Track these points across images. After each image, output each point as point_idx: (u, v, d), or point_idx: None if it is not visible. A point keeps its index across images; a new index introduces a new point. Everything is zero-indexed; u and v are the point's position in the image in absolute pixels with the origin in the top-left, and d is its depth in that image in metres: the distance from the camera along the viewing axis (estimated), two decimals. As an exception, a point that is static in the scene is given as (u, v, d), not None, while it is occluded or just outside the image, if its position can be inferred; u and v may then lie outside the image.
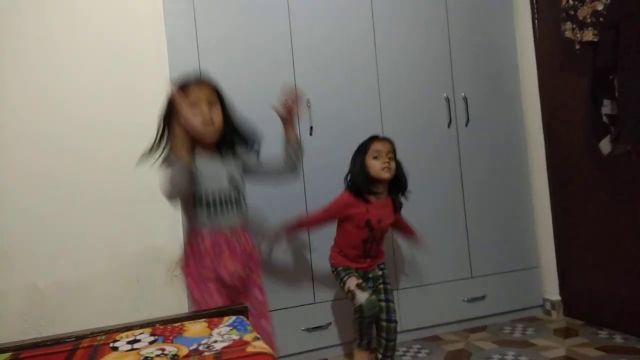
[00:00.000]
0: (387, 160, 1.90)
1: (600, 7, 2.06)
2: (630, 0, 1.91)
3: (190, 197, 1.57)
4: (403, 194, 2.00)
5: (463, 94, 2.50)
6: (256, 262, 1.71)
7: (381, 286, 1.99)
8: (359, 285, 1.90)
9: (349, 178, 1.98)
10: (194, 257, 1.59)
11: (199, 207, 1.57)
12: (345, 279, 1.94)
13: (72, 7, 2.13)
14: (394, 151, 1.95)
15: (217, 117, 1.58)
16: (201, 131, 1.53)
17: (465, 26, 2.53)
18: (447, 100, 2.48)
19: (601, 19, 2.05)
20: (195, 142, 1.56)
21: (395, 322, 1.95)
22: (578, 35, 2.15)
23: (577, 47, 2.18)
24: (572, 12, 2.18)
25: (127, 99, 2.18)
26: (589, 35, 2.10)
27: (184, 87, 1.55)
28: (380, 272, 2.02)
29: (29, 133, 2.06)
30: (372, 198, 1.93)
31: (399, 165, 1.96)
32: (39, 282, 2.05)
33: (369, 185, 1.92)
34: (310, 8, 2.28)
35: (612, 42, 1.97)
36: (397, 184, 1.96)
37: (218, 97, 1.60)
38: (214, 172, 1.59)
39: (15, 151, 2.06)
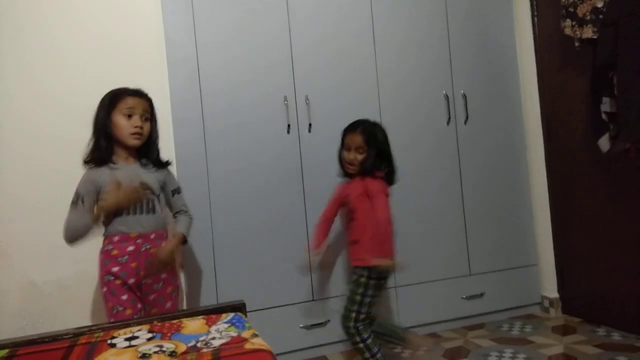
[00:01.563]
0: (352, 157, 1.88)
1: (599, 4, 2.06)
2: (629, -3, 1.91)
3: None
4: (369, 173, 1.88)
5: (462, 92, 2.50)
6: (172, 273, 1.73)
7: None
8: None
9: None
10: (103, 267, 1.64)
11: (111, 215, 1.63)
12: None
13: (70, 5, 2.13)
14: (367, 143, 1.86)
15: (146, 129, 1.69)
16: (128, 142, 1.64)
17: (465, 23, 2.53)
18: (446, 97, 2.48)
19: (601, 16, 2.05)
20: (117, 148, 1.66)
21: (344, 327, 1.89)
22: (577, 33, 2.15)
23: (577, 44, 2.17)
24: (571, 9, 2.17)
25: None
26: (588, 32, 2.10)
27: (122, 94, 1.65)
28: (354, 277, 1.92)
29: (28, 129, 2.06)
30: (348, 181, 1.96)
31: (372, 151, 1.87)
32: (37, 279, 2.04)
33: (345, 172, 1.95)
34: (310, 6, 2.28)
35: (611, 40, 1.97)
36: (366, 165, 1.88)
37: (151, 112, 1.71)
38: (125, 176, 1.63)
39: (15, 148, 2.05)
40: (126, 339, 1.20)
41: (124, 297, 1.60)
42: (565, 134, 2.46)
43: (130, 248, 1.62)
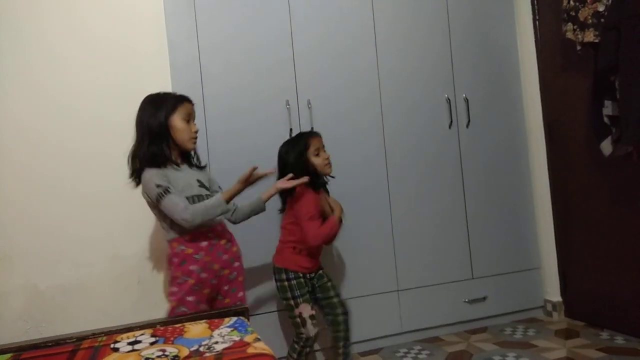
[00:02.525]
0: (327, 155, 1.94)
1: (601, 8, 2.06)
2: (631, 1, 1.91)
3: None
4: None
5: (464, 95, 2.50)
6: (241, 263, 1.78)
7: (329, 284, 1.97)
8: (312, 317, 1.89)
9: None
10: (178, 268, 1.63)
11: None
12: (299, 301, 1.88)
13: (72, 8, 2.13)
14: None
15: (197, 130, 1.75)
16: (189, 147, 1.70)
17: (466, 27, 2.53)
18: (448, 101, 2.48)
19: (602, 20, 2.05)
20: (172, 151, 1.69)
21: (348, 313, 1.96)
22: (579, 36, 2.15)
23: (578, 48, 2.17)
24: (573, 13, 2.18)
25: (128, 100, 2.17)
26: (590, 36, 2.10)
27: (182, 99, 1.70)
28: (321, 272, 1.98)
29: (29, 135, 2.06)
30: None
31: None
32: (40, 283, 2.05)
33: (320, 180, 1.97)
34: (311, 9, 2.28)
35: (613, 43, 1.96)
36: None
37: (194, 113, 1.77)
38: (185, 180, 1.66)
39: (17, 153, 2.06)
40: (129, 343, 1.20)
41: (190, 298, 1.61)
42: (567, 138, 2.46)
43: (204, 243, 1.64)
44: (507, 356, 2.09)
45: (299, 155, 1.91)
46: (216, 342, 1.17)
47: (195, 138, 1.72)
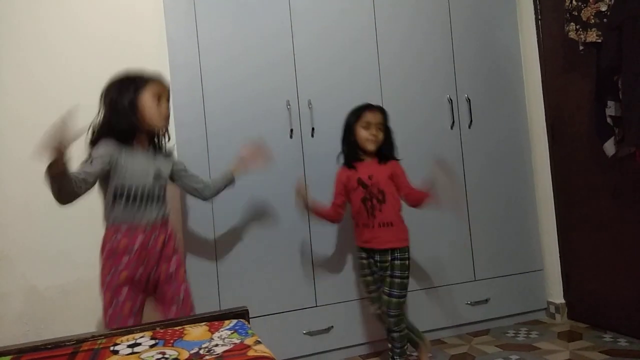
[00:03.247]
0: (374, 132, 1.94)
1: (603, 8, 2.05)
2: (633, 1, 1.90)
3: (110, 192, 1.58)
4: (390, 157, 2.00)
5: (466, 95, 2.49)
6: (180, 257, 1.72)
7: (388, 279, 1.91)
8: (368, 294, 2.00)
9: (341, 148, 2.02)
10: (109, 258, 1.57)
11: (118, 202, 1.57)
12: (361, 279, 2.04)
13: (71, 6, 2.13)
14: (384, 122, 1.98)
15: (169, 113, 1.68)
16: (158, 125, 1.63)
17: (468, 27, 2.52)
18: (450, 101, 2.47)
19: (605, 19, 2.04)
20: (135, 134, 1.61)
21: (395, 316, 1.89)
22: (582, 36, 2.14)
23: (581, 48, 2.16)
24: (575, 13, 2.17)
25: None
26: (592, 36, 2.09)
27: (151, 78, 1.62)
28: (390, 261, 1.92)
29: (27, 133, 2.06)
30: (358, 161, 1.98)
31: (388, 133, 2.00)
32: (40, 284, 2.04)
33: (356, 154, 1.98)
34: (311, 7, 2.28)
35: (615, 43, 1.95)
36: (383, 149, 1.98)
37: (168, 94, 1.69)
38: (141, 167, 1.60)
39: (16, 152, 2.05)
40: (129, 346, 1.19)
41: (125, 288, 1.56)
42: (570, 138, 2.45)
43: (140, 237, 1.58)
44: (510, 359, 2.08)
45: (349, 123, 1.98)
46: (216, 345, 1.16)
47: (167, 119, 1.65)
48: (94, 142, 1.59)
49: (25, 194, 2.04)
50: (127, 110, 1.57)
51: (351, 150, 1.99)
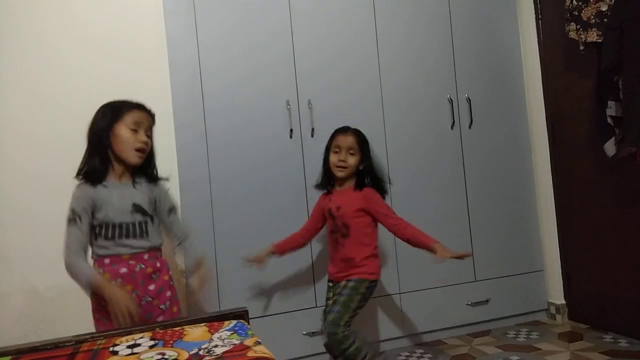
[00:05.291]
0: (343, 157, 1.86)
1: (604, 8, 2.05)
2: (634, 1, 1.90)
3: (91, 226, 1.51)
4: (374, 186, 1.88)
5: (466, 95, 2.49)
6: (175, 293, 1.63)
7: (336, 297, 1.86)
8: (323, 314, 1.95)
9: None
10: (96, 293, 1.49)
11: (99, 236, 1.51)
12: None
13: (71, 6, 2.13)
14: (359, 144, 1.86)
15: (149, 146, 1.57)
16: (128, 157, 1.52)
17: (469, 27, 2.52)
18: (450, 101, 2.47)
19: (605, 19, 2.04)
20: (114, 163, 1.53)
21: (330, 333, 1.78)
22: (582, 36, 2.14)
23: (581, 48, 2.16)
24: (576, 13, 2.16)
25: (127, 96, 2.16)
26: (593, 36, 2.09)
27: (128, 106, 1.54)
28: (344, 284, 1.85)
29: (28, 134, 2.06)
30: (335, 188, 1.94)
31: (366, 157, 1.87)
32: (39, 284, 2.04)
33: (330, 180, 1.93)
34: (311, 6, 2.27)
35: (616, 43, 1.95)
36: (364, 176, 1.88)
37: (150, 124, 1.59)
38: (118, 202, 1.51)
39: (15, 152, 2.05)
40: (128, 347, 1.19)
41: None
42: (570, 139, 2.45)
43: (123, 270, 1.51)
44: (510, 359, 2.07)
45: (326, 146, 1.93)
46: (216, 346, 1.15)
47: (142, 150, 1.52)
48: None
49: (24, 194, 2.04)
50: (101, 140, 1.50)
51: (324, 176, 1.93)
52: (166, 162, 2.16)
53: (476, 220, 2.48)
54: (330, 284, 1.97)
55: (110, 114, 1.52)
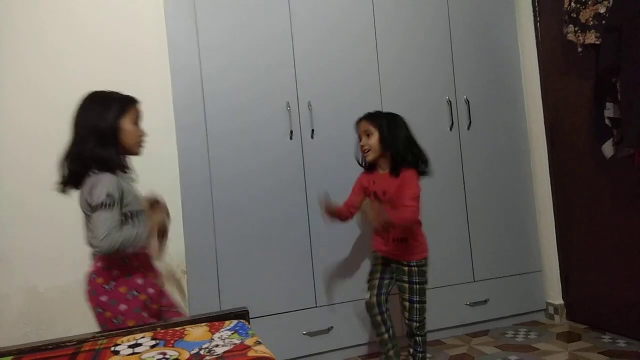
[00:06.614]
0: (363, 142, 1.90)
1: (602, 10, 2.06)
2: (632, 2, 1.91)
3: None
4: (404, 166, 1.84)
5: (465, 97, 2.50)
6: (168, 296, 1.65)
7: (405, 285, 1.89)
8: (368, 282, 1.99)
9: None
10: (121, 282, 1.49)
11: (126, 223, 1.50)
12: (371, 269, 2.02)
13: (71, 8, 2.13)
14: (372, 124, 1.88)
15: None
16: (137, 151, 1.59)
17: (467, 28, 2.53)
18: (449, 103, 2.48)
19: (603, 21, 2.05)
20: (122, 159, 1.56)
21: (414, 321, 1.89)
22: (580, 38, 2.15)
23: (580, 49, 2.17)
24: (574, 15, 2.18)
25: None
26: (591, 37, 2.10)
27: (132, 101, 1.57)
28: (405, 269, 1.90)
29: (29, 134, 2.06)
30: (377, 171, 1.95)
31: (389, 137, 1.86)
32: (40, 285, 2.04)
33: (367, 162, 1.96)
34: (312, 9, 2.28)
35: (614, 45, 1.96)
36: (401, 158, 1.85)
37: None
38: (133, 192, 1.54)
39: (16, 153, 2.06)
40: (129, 346, 1.20)
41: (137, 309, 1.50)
42: (568, 140, 2.46)
43: (139, 281, 1.52)
44: (509, 359, 2.08)
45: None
46: (217, 345, 1.16)
47: (143, 143, 1.59)
48: (79, 174, 1.50)
49: (25, 195, 2.04)
50: (110, 136, 1.51)
51: (361, 160, 2.00)
52: (167, 162, 2.18)
53: (475, 220, 2.49)
54: (380, 260, 1.98)
55: (116, 108, 1.54)
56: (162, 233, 1.61)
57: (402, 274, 1.90)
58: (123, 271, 1.51)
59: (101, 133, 1.51)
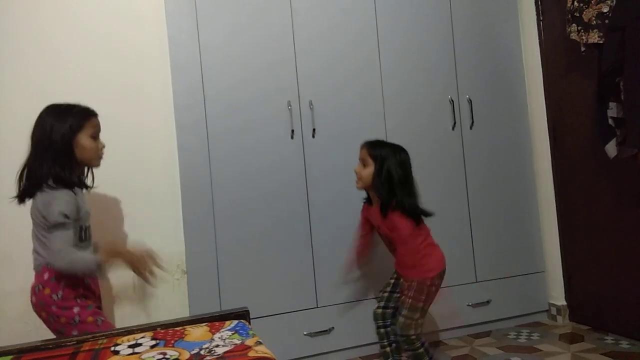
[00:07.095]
0: (357, 168, 1.90)
1: (605, 9, 2.05)
2: (635, 2, 1.90)
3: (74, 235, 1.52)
4: (390, 209, 1.80)
5: (467, 96, 2.49)
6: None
7: (401, 297, 1.89)
8: (380, 292, 2.06)
9: None
10: (68, 290, 1.50)
11: (78, 237, 1.53)
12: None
13: (71, 6, 2.13)
14: (371, 155, 1.84)
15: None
16: (96, 164, 1.60)
17: (470, 27, 2.52)
18: (452, 102, 2.47)
19: (606, 21, 2.04)
20: (77, 174, 1.57)
21: (398, 334, 1.87)
22: (583, 38, 2.14)
23: (583, 49, 2.16)
24: (577, 14, 2.16)
25: (129, 98, 2.18)
26: (594, 37, 2.09)
27: (89, 114, 1.57)
28: (406, 284, 1.88)
29: (27, 133, 2.04)
30: (372, 203, 1.94)
31: (381, 171, 1.80)
32: (41, 284, 2.04)
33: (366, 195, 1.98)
34: (313, 7, 2.27)
35: (617, 44, 1.95)
36: (382, 197, 1.81)
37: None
38: (84, 203, 1.56)
39: (17, 153, 2.05)
40: (130, 346, 1.19)
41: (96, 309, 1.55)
42: (571, 140, 2.44)
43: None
44: (511, 360, 2.08)
45: None
46: (217, 346, 1.16)
47: (102, 155, 1.59)
48: (31, 190, 1.50)
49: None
50: (65, 152, 1.50)
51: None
52: (167, 161, 2.18)
53: (477, 221, 2.48)
54: (395, 275, 2.01)
55: (72, 123, 1.52)
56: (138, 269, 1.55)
57: (403, 287, 1.89)
58: (70, 281, 1.51)
59: (57, 149, 1.49)
